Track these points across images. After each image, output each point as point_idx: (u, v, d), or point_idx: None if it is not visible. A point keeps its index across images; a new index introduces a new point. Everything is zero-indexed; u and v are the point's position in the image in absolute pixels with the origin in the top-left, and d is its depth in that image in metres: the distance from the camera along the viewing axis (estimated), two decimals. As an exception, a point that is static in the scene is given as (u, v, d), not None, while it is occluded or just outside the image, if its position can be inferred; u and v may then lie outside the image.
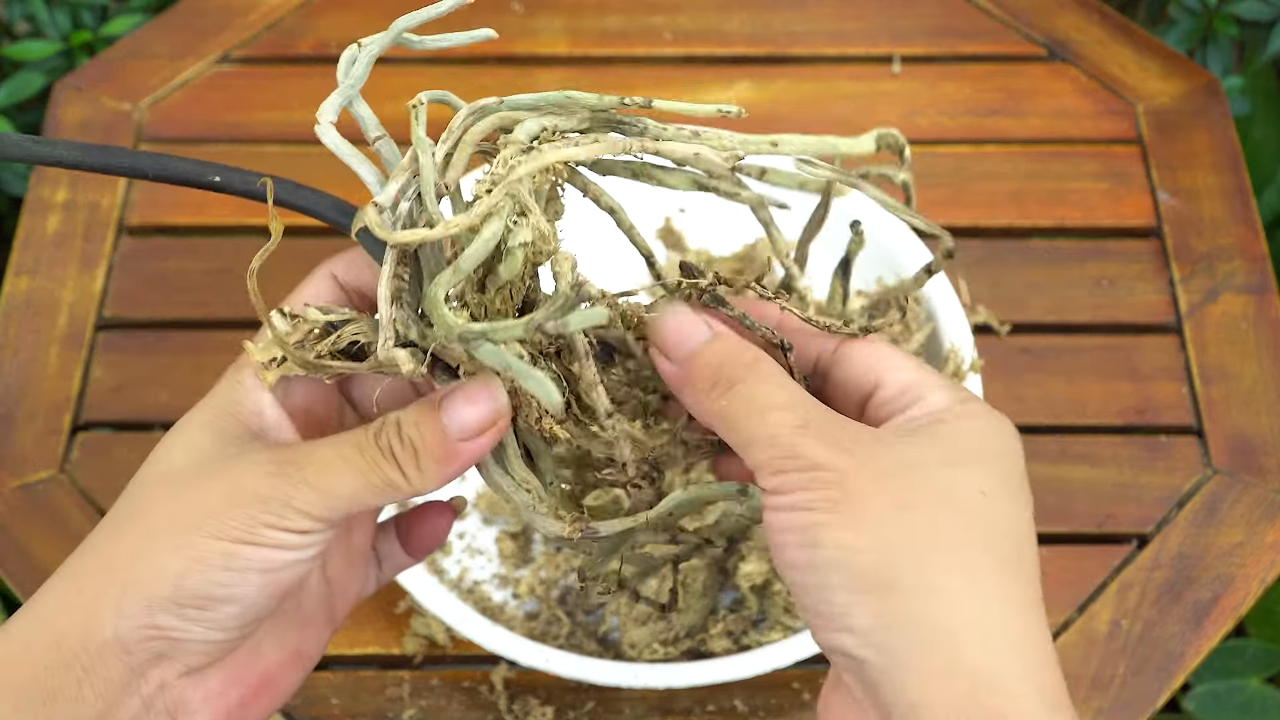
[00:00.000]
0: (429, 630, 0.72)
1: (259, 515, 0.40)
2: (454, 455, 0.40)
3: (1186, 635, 0.71)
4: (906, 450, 0.39)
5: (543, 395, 0.37)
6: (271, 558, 0.40)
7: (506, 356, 0.37)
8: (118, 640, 0.40)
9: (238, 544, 0.40)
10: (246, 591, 0.40)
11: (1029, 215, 0.88)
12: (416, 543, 0.49)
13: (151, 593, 0.40)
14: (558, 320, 0.37)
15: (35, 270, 0.85)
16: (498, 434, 0.41)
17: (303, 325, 0.42)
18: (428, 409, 0.41)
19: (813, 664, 0.70)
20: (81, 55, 1.03)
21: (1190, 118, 0.92)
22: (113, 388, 0.81)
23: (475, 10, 0.98)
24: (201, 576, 0.40)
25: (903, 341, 0.75)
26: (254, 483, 0.40)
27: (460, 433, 0.40)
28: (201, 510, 0.40)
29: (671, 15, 0.98)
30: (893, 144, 0.45)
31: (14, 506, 0.76)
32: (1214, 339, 0.82)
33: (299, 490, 0.40)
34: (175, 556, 0.40)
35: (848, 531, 0.37)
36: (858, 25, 0.98)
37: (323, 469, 0.40)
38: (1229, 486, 0.77)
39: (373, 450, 0.41)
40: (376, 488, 0.40)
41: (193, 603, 0.40)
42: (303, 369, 0.42)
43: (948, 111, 0.93)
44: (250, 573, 0.40)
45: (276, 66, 0.95)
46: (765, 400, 0.40)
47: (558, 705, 0.70)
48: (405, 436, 0.40)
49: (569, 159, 0.41)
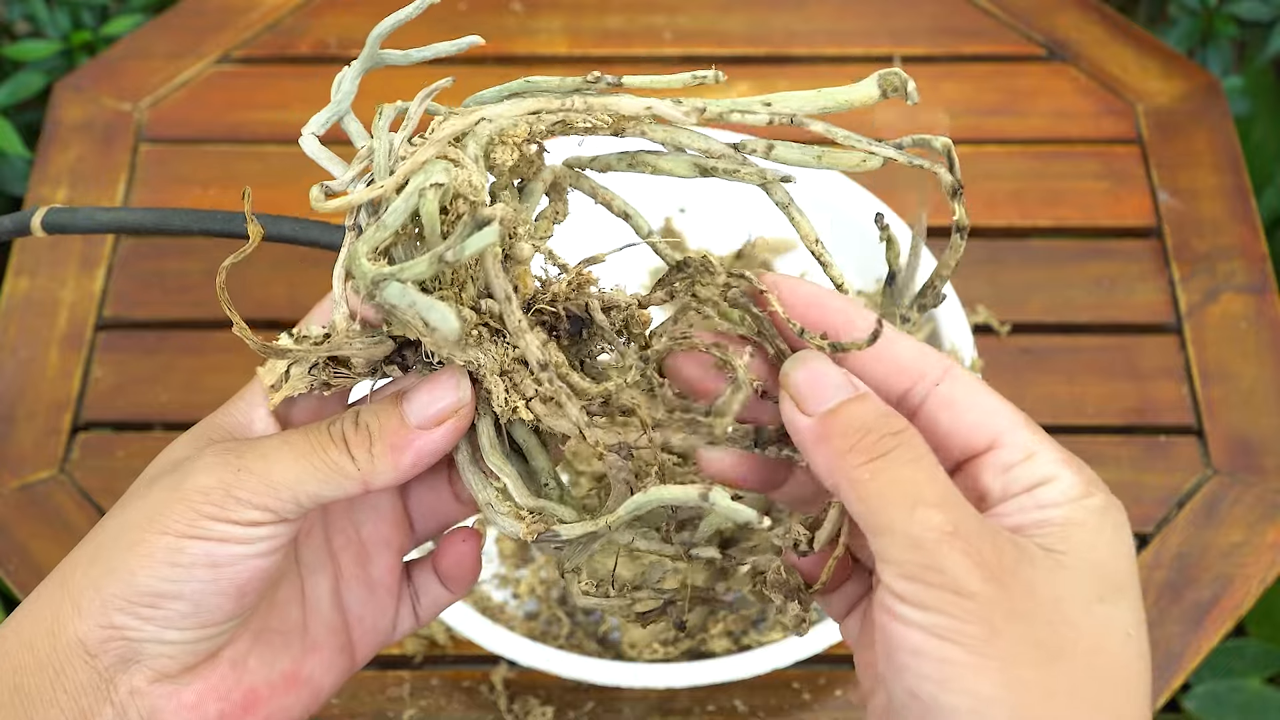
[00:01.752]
0: (429, 630, 0.72)
1: (200, 507, 0.39)
2: (408, 444, 0.40)
3: (1186, 635, 0.71)
4: (1058, 582, 0.35)
5: (442, 324, 0.37)
6: (216, 552, 0.39)
7: (409, 293, 0.37)
8: (80, 641, 0.40)
9: (181, 538, 0.39)
10: (195, 588, 0.40)
11: (1029, 215, 0.88)
12: (445, 573, 0.47)
13: (107, 592, 0.39)
14: (456, 248, 0.37)
15: (35, 270, 0.85)
16: (457, 430, 0.40)
17: (305, 341, 0.42)
18: (389, 399, 0.41)
19: (813, 664, 0.70)
20: (81, 55, 1.03)
21: (1190, 118, 0.92)
22: (113, 388, 0.81)
23: (475, 10, 0.98)
24: (148, 573, 0.39)
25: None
26: (194, 477, 0.40)
27: (419, 420, 0.40)
28: (149, 509, 0.40)
29: (671, 15, 0.98)
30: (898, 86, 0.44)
31: (14, 506, 0.76)
32: (1214, 339, 0.82)
33: (239, 478, 0.40)
34: (126, 555, 0.40)
35: (985, 680, 0.33)
36: (858, 25, 0.98)
37: (263, 456, 0.40)
38: (1229, 486, 0.77)
39: (321, 436, 0.40)
40: (321, 474, 0.40)
41: (143, 600, 0.39)
42: (304, 386, 0.42)
43: (948, 111, 0.93)
44: (196, 568, 0.39)
45: (276, 66, 0.95)
46: (914, 489, 0.36)
47: (558, 705, 0.70)
48: (361, 423, 0.40)
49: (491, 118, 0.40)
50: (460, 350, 0.40)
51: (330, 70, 0.95)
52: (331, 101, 0.42)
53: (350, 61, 0.44)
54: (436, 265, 0.37)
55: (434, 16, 0.97)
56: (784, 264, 0.82)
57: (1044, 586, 0.35)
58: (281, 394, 0.42)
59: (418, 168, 0.38)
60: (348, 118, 0.42)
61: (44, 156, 0.90)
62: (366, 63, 0.42)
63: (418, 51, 0.42)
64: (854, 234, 0.81)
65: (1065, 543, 0.36)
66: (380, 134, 0.41)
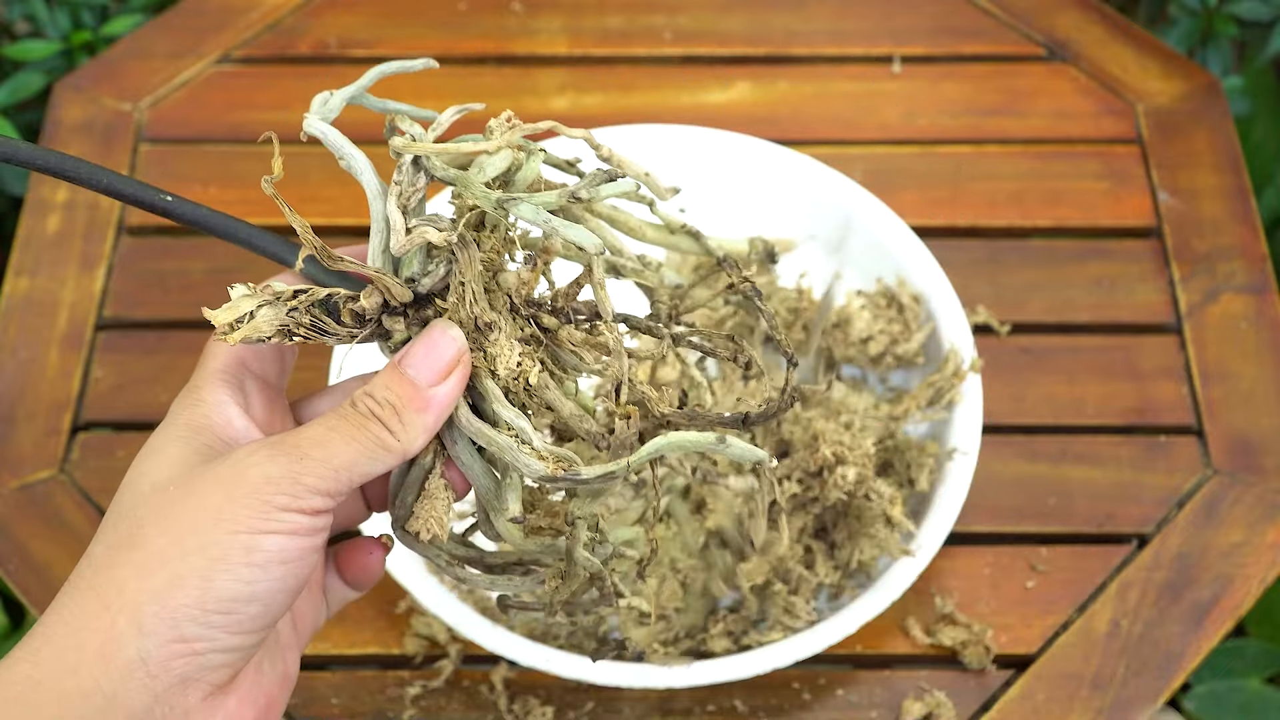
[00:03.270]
0: (429, 630, 0.72)
1: (272, 498, 0.39)
2: (429, 402, 0.42)
3: (1186, 635, 0.71)
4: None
5: (587, 241, 0.42)
6: (289, 546, 0.40)
7: (543, 212, 0.42)
8: (141, 661, 0.38)
9: (255, 534, 0.39)
10: (270, 587, 0.39)
11: (1029, 215, 0.88)
12: (352, 575, 0.49)
13: (175, 604, 0.38)
14: (592, 189, 0.43)
15: (35, 270, 0.85)
16: (464, 374, 0.42)
17: (269, 291, 0.43)
18: (391, 369, 0.42)
19: (813, 664, 0.70)
20: (81, 55, 1.03)
21: (1190, 118, 0.92)
22: (113, 388, 0.81)
23: (475, 10, 0.98)
24: (228, 576, 0.39)
25: (903, 341, 0.75)
26: (259, 469, 0.40)
27: (429, 379, 0.42)
28: (210, 509, 0.39)
29: (671, 15, 0.98)
30: (762, 251, 0.52)
31: (14, 506, 0.76)
32: (1214, 339, 0.82)
33: (305, 465, 0.40)
34: (193, 561, 0.38)
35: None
36: (858, 25, 0.98)
37: (319, 443, 0.41)
38: (1229, 486, 0.77)
39: (357, 416, 0.41)
40: (370, 451, 0.41)
41: (220, 607, 0.39)
42: (269, 329, 0.42)
43: (948, 111, 0.93)
44: (272, 565, 0.39)
45: (276, 66, 0.95)
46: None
47: (558, 705, 0.70)
48: (381, 399, 0.41)
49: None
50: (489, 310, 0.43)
51: (330, 70, 0.96)
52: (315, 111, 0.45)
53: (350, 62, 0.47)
54: (566, 198, 0.43)
55: (434, 18, 0.98)
56: (783, 264, 0.82)
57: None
58: (241, 334, 0.42)
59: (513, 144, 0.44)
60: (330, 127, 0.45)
61: (44, 156, 0.90)
62: (354, 94, 0.46)
63: (394, 103, 0.46)
64: (854, 233, 0.81)
65: None
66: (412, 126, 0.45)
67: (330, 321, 0.43)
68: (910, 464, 0.71)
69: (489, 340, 0.43)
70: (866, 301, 0.76)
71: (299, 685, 0.70)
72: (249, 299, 0.42)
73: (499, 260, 0.44)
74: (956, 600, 0.73)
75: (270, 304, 0.42)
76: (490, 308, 0.43)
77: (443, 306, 0.43)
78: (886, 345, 0.74)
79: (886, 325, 0.75)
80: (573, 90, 0.94)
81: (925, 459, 0.71)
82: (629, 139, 0.83)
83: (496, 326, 0.43)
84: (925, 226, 0.84)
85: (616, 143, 0.81)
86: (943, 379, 0.72)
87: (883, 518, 0.67)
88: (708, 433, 0.43)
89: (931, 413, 0.73)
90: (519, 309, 0.44)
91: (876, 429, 0.72)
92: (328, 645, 0.72)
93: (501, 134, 0.44)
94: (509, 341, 0.43)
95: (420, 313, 0.44)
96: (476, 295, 0.42)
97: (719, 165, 0.83)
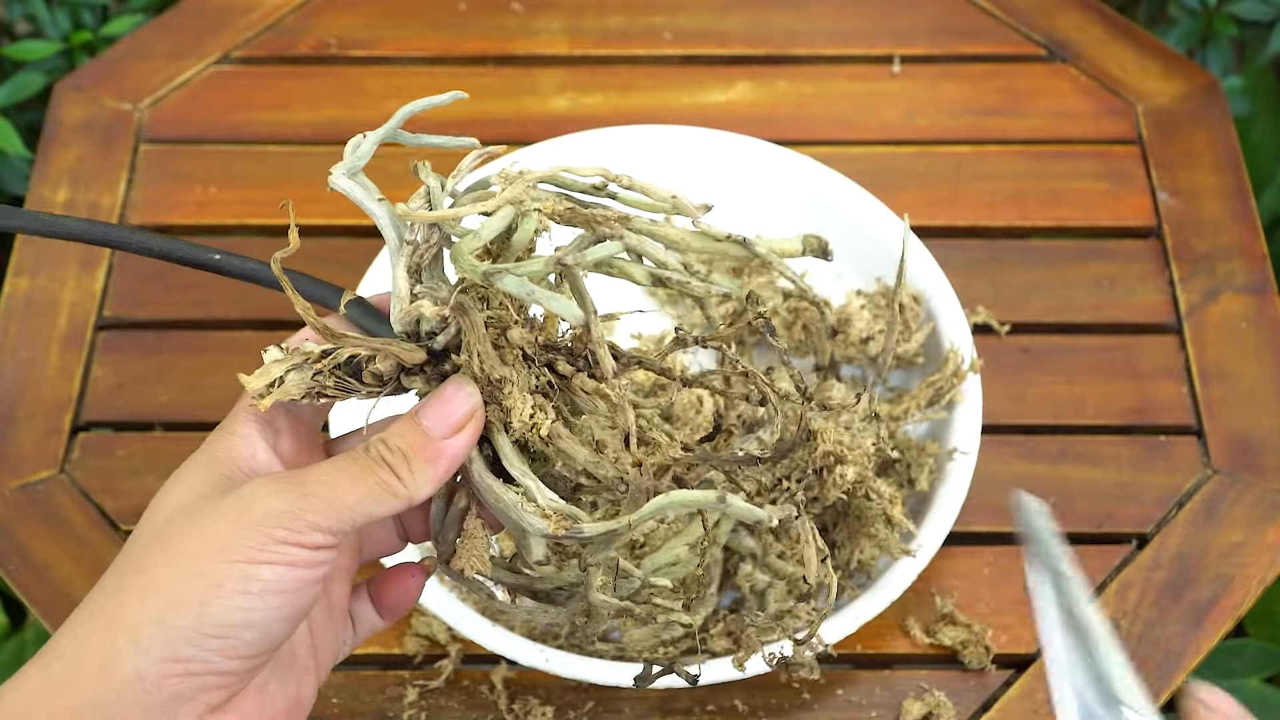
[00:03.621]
0: (429, 630, 0.72)
1: (273, 531, 0.41)
2: (440, 453, 0.43)
3: (1186, 635, 0.71)
4: None
5: (566, 312, 0.43)
6: (286, 577, 0.41)
7: (526, 284, 0.43)
8: (138, 678, 0.40)
9: (253, 564, 0.40)
10: (266, 615, 0.41)
11: (1029, 215, 0.88)
12: (388, 603, 0.50)
13: (172, 625, 0.40)
14: (577, 255, 0.43)
15: (35, 270, 0.85)
16: (476, 429, 0.44)
17: (298, 354, 0.44)
18: (408, 419, 0.44)
19: (813, 664, 0.70)
20: (81, 55, 1.03)
21: (1190, 118, 0.92)
22: (113, 388, 0.81)
23: (475, 10, 0.98)
24: (223, 603, 0.40)
25: (902, 341, 0.75)
26: (263, 502, 0.41)
27: (442, 431, 0.43)
28: (212, 538, 0.41)
29: (671, 15, 0.98)
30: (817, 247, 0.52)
31: (14, 506, 0.76)
32: (1214, 339, 0.82)
33: (308, 502, 0.41)
34: (193, 587, 0.40)
35: None
36: (858, 25, 0.98)
37: (325, 482, 0.42)
38: (1229, 486, 0.77)
39: (367, 460, 0.43)
40: (376, 494, 0.42)
41: (214, 631, 0.40)
42: (298, 392, 0.44)
43: (948, 111, 0.93)
44: (268, 594, 0.41)
45: (276, 66, 0.95)
46: None
47: (558, 705, 0.70)
48: (394, 446, 0.43)
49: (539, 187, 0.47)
50: (499, 366, 0.44)
51: (330, 70, 0.96)
52: (348, 159, 0.46)
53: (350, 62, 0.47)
54: (553, 266, 0.43)
55: (434, 18, 0.98)
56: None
57: None
58: (272, 398, 0.44)
59: (514, 199, 0.45)
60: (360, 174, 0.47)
61: (44, 156, 0.90)
62: (386, 135, 0.46)
63: (428, 137, 0.48)
64: (853, 233, 0.81)
65: None
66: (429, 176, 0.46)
67: (354, 381, 0.45)
68: (910, 464, 0.71)
69: (503, 394, 0.44)
70: (866, 301, 0.76)
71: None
72: (279, 364, 0.44)
73: (507, 316, 0.45)
74: (956, 600, 0.73)
75: (298, 368, 0.44)
76: (502, 362, 0.45)
77: (459, 362, 0.45)
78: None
79: (887, 325, 0.75)
80: (573, 90, 0.94)
81: (925, 459, 0.71)
82: (629, 139, 0.83)
83: (508, 381, 0.44)
84: (925, 226, 0.84)
85: (630, 159, 0.81)
86: (943, 379, 0.73)
87: (883, 517, 0.67)
88: (709, 492, 0.44)
89: (931, 413, 0.73)
90: (533, 359, 0.45)
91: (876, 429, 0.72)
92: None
93: (503, 189, 0.45)
94: (522, 394, 0.44)
95: (438, 368, 0.45)
96: (484, 354, 0.44)
97: (719, 165, 0.83)
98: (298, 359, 0.44)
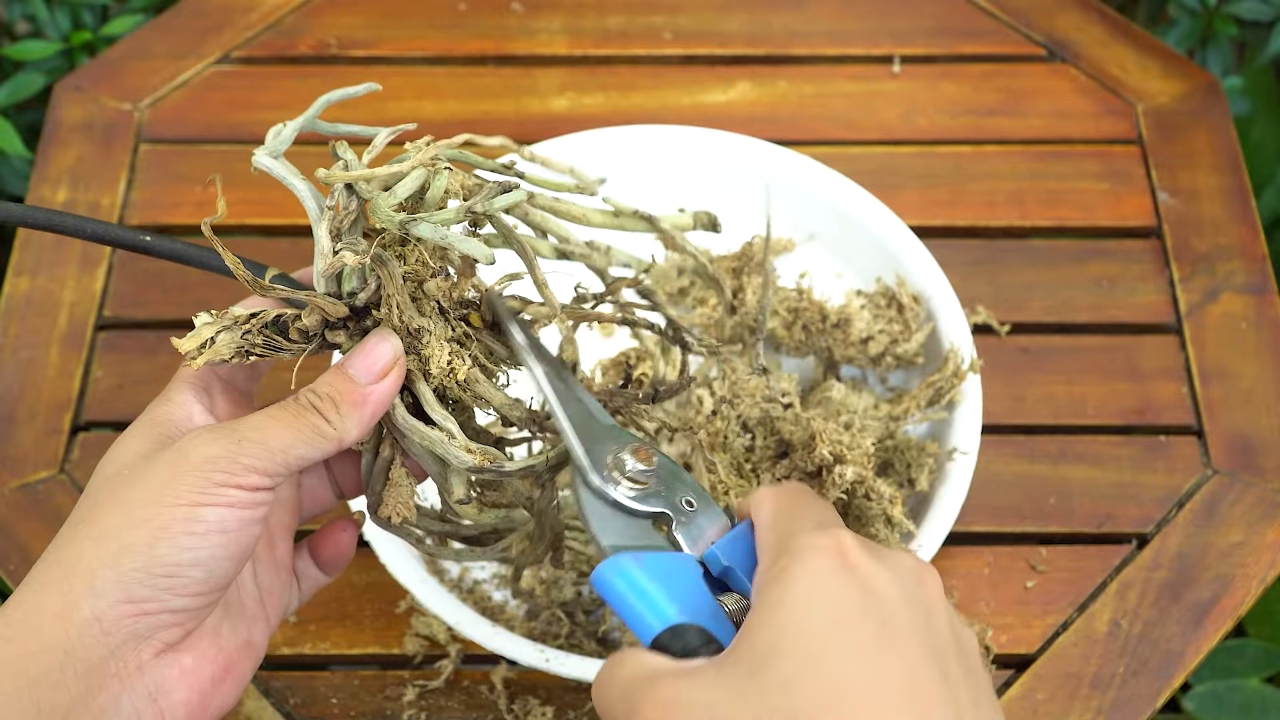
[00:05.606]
0: (429, 630, 0.72)
1: (211, 475, 0.44)
2: (365, 398, 0.47)
3: (1186, 635, 0.71)
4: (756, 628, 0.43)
5: (478, 253, 0.46)
6: (227, 517, 0.44)
7: (439, 229, 0.46)
8: (96, 620, 0.43)
9: (195, 506, 0.44)
10: (212, 554, 0.44)
11: (1029, 215, 0.88)
12: (325, 558, 0.54)
13: (124, 568, 0.43)
14: (486, 202, 0.47)
15: (35, 270, 0.85)
16: (399, 375, 0.48)
17: (227, 316, 0.48)
18: (335, 369, 0.48)
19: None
20: (81, 55, 1.03)
21: (1190, 118, 0.92)
22: (113, 388, 0.81)
23: (475, 10, 0.98)
24: (169, 544, 0.43)
25: (902, 341, 0.75)
26: (200, 449, 0.45)
27: (367, 377, 0.47)
28: (156, 485, 0.44)
29: (671, 15, 0.98)
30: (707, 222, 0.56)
31: (14, 506, 0.76)
32: (1214, 339, 0.82)
33: (243, 447, 0.45)
34: (140, 531, 0.43)
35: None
36: (858, 25, 0.98)
37: (258, 427, 0.46)
38: (1229, 486, 0.77)
39: (296, 407, 0.47)
40: (307, 436, 0.46)
41: (163, 571, 0.43)
42: (228, 352, 0.47)
43: (948, 111, 0.93)
44: (211, 534, 0.44)
45: (276, 66, 0.96)
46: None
47: (558, 705, 0.70)
48: (322, 393, 0.47)
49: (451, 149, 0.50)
50: (418, 316, 0.48)
51: (331, 70, 0.96)
52: (269, 143, 0.49)
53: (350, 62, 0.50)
54: (464, 214, 0.47)
55: (434, 18, 0.98)
56: (783, 264, 0.82)
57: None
58: (204, 359, 0.47)
59: (426, 161, 0.48)
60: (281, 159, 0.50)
61: (44, 156, 0.90)
62: (305, 124, 0.50)
63: (344, 125, 0.51)
64: (854, 233, 0.81)
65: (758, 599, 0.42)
66: (346, 152, 0.50)
67: (281, 339, 0.48)
68: (910, 464, 0.71)
69: (422, 344, 0.48)
70: (866, 301, 0.76)
71: (299, 684, 0.71)
72: (210, 325, 0.47)
73: (424, 271, 0.48)
74: (956, 600, 0.73)
75: (228, 329, 0.48)
76: (419, 314, 0.48)
77: (379, 317, 0.48)
78: (886, 345, 0.74)
79: (886, 325, 0.75)
80: (573, 90, 0.94)
81: (925, 459, 0.71)
82: (629, 139, 0.83)
83: (426, 330, 0.48)
84: (925, 226, 0.84)
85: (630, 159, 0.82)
86: (943, 379, 0.73)
87: (883, 517, 0.67)
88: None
89: (931, 413, 0.73)
90: (449, 311, 0.49)
91: (876, 429, 0.72)
92: (328, 645, 0.72)
93: (416, 154, 0.48)
94: (439, 343, 0.48)
95: (360, 324, 0.49)
96: (403, 305, 0.47)
97: (719, 165, 0.83)
98: (227, 320, 0.47)
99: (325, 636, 0.72)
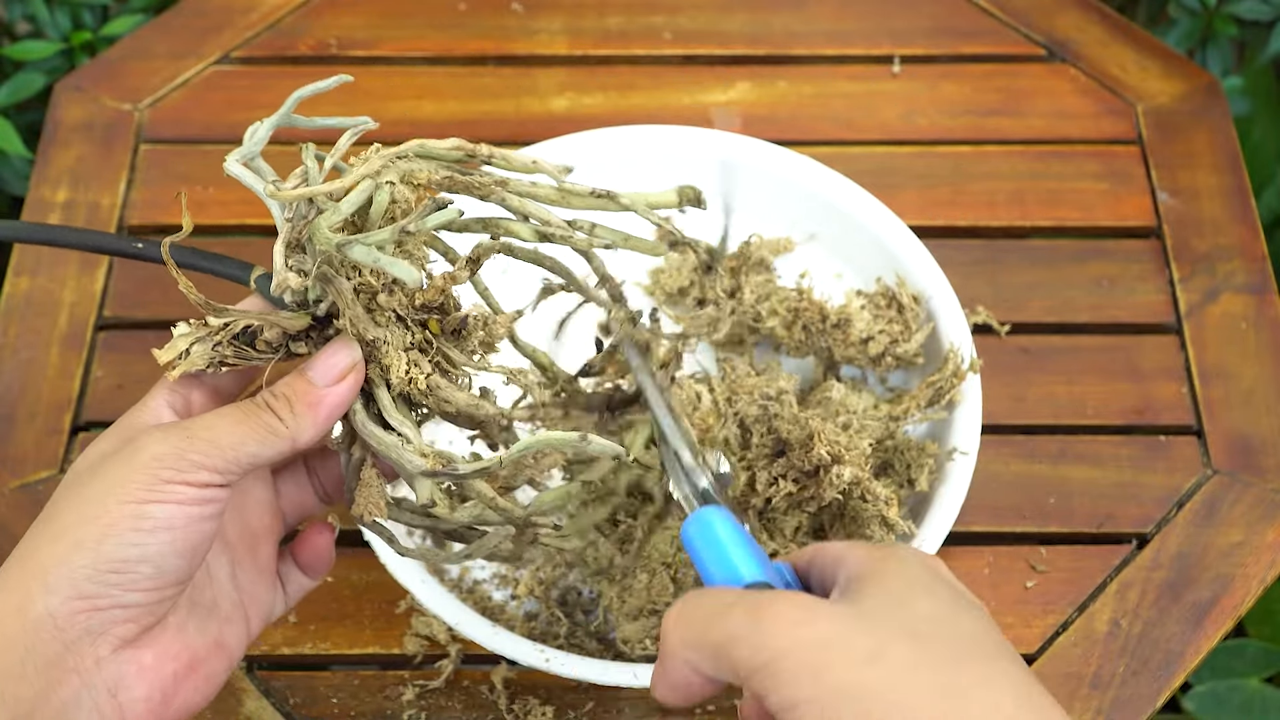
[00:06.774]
0: (429, 630, 0.72)
1: (159, 472, 0.45)
2: (321, 399, 0.48)
3: (1186, 635, 0.71)
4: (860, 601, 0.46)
5: (405, 275, 0.47)
6: (175, 514, 0.45)
7: (372, 251, 0.47)
8: (49, 616, 0.44)
9: (142, 504, 0.44)
10: (160, 550, 0.45)
11: (1029, 215, 0.88)
12: (304, 561, 0.55)
13: (74, 565, 0.44)
14: (419, 222, 0.48)
15: (35, 270, 0.85)
16: (356, 380, 0.49)
17: (202, 327, 0.49)
18: (295, 373, 0.49)
19: (812, 664, 0.70)
20: (81, 55, 1.03)
21: (1190, 118, 0.92)
22: (113, 388, 0.81)
23: (475, 10, 0.98)
24: (115, 540, 0.44)
25: (902, 341, 0.75)
26: (149, 448, 0.45)
27: (324, 380, 0.48)
28: (107, 483, 0.45)
29: (671, 15, 0.98)
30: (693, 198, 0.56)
31: (14, 506, 0.76)
32: (1214, 339, 0.82)
33: (191, 443, 0.45)
34: (90, 528, 0.44)
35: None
36: (858, 25, 0.98)
37: (208, 425, 0.46)
38: (1229, 486, 0.77)
39: (250, 405, 0.48)
40: (259, 435, 0.47)
41: (110, 567, 0.44)
42: (203, 362, 0.48)
43: (948, 111, 0.93)
44: (159, 531, 0.44)
45: (276, 66, 0.96)
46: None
47: (558, 705, 0.70)
48: (279, 393, 0.48)
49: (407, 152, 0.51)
50: (373, 328, 0.49)
51: (331, 70, 0.96)
52: (245, 145, 0.50)
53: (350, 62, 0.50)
54: (397, 234, 0.48)
55: (434, 18, 0.98)
56: (783, 263, 0.82)
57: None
58: (180, 369, 0.48)
59: (372, 173, 0.48)
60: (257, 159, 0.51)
61: (44, 156, 0.90)
62: (280, 121, 0.51)
63: (321, 120, 0.52)
64: (854, 233, 0.81)
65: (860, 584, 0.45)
66: (309, 157, 0.51)
67: (250, 349, 0.49)
68: (910, 464, 0.71)
69: (380, 353, 0.49)
70: (866, 301, 0.76)
71: (299, 685, 0.71)
72: (185, 337, 0.48)
73: (376, 283, 0.49)
74: (956, 600, 0.73)
75: (201, 340, 0.48)
76: (375, 324, 0.49)
77: (340, 326, 0.49)
78: (886, 345, 0.74)
79: (886, 325, 0.75)
80: (573, 90, 0.94)
81: (925, 459, 0.71)
82: (629, 139, 0.83)
83: (382, 341, 0.49)
84: (925, 226, 0.84)
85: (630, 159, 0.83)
86: (942, 379, 0.73)
87: (878, 519, 0.67)
88: (571, 434, 0.50)
89: (931, 413, 0.73)
90: (406, 319, 0.50)
91: (876, 429, 0.72)
92: (328, 645, 0.72)
93: (361, 166, 0.49)
94: (397, 352, 0.49)
95: (323, 333, 0.50)
96: (357, 318, 0.48)
97: (719, 165, 0.83)
98: (201, 332, 0.48)
99: (325, 636, 0.72)
